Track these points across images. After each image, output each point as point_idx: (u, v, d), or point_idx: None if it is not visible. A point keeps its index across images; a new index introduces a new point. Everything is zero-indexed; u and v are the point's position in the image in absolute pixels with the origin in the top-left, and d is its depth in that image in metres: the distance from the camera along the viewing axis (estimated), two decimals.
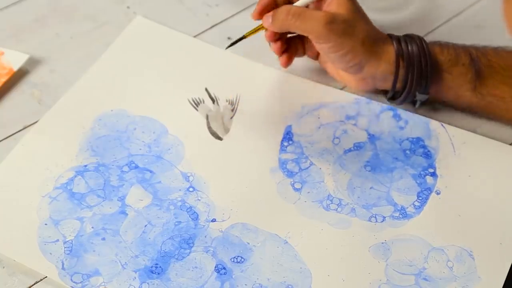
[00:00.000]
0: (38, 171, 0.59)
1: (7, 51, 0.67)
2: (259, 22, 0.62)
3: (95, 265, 0.53)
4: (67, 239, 0.55)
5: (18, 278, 0.54)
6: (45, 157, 0.60)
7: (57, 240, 0.55)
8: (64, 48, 0.69)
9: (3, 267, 0.54)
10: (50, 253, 0.54)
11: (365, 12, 0.61)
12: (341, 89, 0.66)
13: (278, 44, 0.63)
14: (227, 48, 0.63)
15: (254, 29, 0.62)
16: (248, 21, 0.63)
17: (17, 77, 0.66)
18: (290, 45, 0.64)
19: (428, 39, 0.62)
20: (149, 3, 0.73)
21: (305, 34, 0.60)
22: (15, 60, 0.66)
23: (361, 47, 0.59)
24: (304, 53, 0.65)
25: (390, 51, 0.60)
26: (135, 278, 0.53)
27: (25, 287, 0.53)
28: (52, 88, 0.66)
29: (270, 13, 0.60)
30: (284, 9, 0.59)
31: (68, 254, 0.54)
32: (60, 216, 0.56)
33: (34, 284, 0.53)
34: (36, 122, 0.63)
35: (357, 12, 0.60)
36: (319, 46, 0.60)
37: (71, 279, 0.52)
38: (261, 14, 0.61)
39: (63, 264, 0.53)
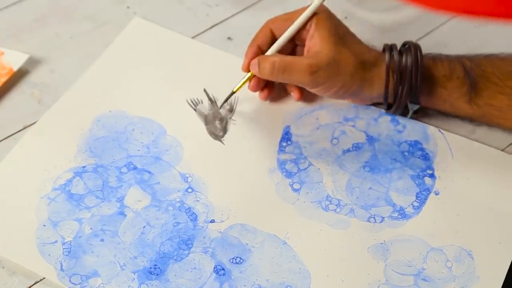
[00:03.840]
0: (36, 172, 0.59)
1: (7, 51, 0.67)
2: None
3: (94, 267, 0.53)
4: (65, 240, 0.55)
5: (18, 279, 0.53)
6: (44, 158, 0.60)
7: (56, 241, 0.54)
8: (64, 48, 0.69)
9: (3, 268, 0.54)
10: (49, 254, 0.54)
11: (365, 12, 0.61)
12: None
13: (265, 92, 0.63)
14: (220, 107, 0.62)
15: (243, 82, 0.61)
16: (247, 22, 0.62)
17: (17, 77, 0.66)
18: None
19: (428, 39, 0.62)
20: (149, 3, 0.73)
21: (293, 84, 0.60)
22: (15, 60, 0.66)
23: (351, 80, 0.59)
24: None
25: (382, 72, 0.60)
26: (133, 279, 0.53)
27: (25, 287, 0.53)
28: (52, 88, 0.66)
29: (256, 61, 0.59)
30: (268, 63, 0.58)
31: (66, 255, 0.54)
32: (59, 217, 0.56)
33: (34, 284, 0.53)
34: (36, 122, 0.62)
35: (341, 44, 0.58)
36: (310, 90, 0.60)
37: (70, 281, 0.52)
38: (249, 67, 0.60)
39: (61, 265, 0.53)
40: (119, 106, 0.64)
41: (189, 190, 0.59)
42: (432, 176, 0.60)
